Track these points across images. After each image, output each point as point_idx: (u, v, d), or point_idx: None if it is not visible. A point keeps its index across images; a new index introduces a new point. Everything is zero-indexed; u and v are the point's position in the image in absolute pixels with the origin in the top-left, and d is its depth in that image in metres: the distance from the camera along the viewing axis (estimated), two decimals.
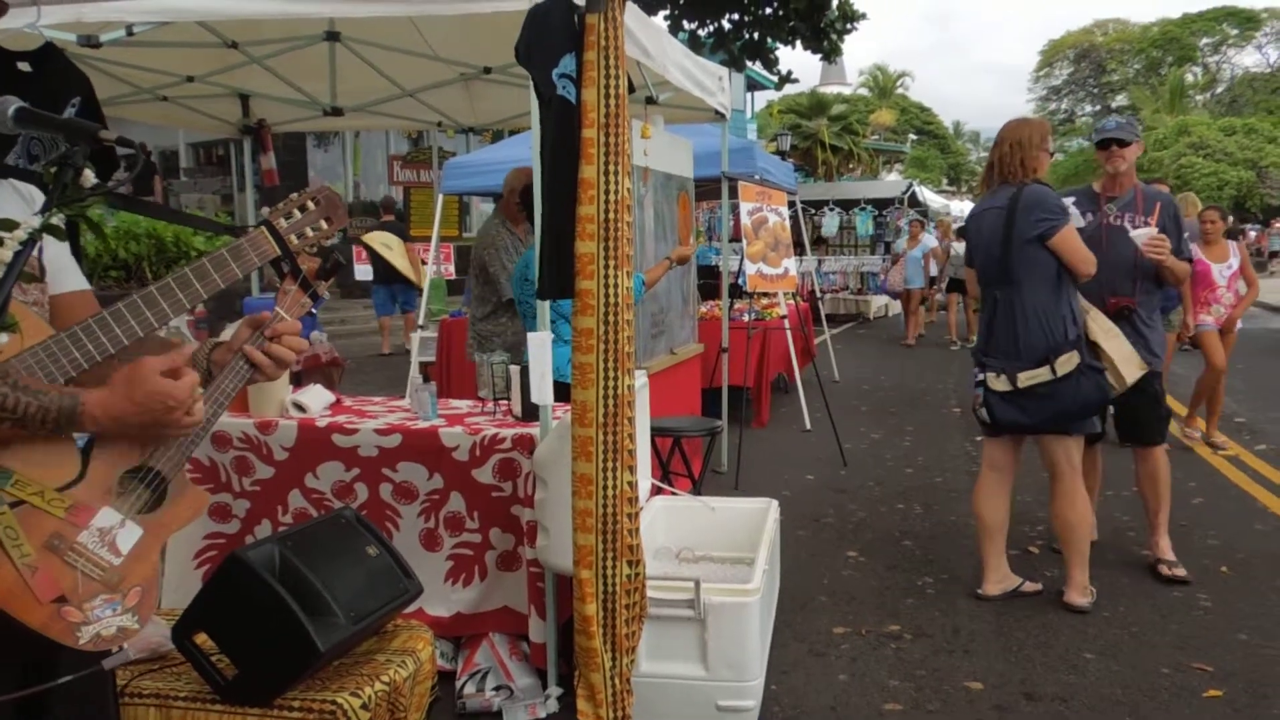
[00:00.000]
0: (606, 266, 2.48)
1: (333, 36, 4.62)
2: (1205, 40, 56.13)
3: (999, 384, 3.92)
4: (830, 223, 19.06)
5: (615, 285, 2.49)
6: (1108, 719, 3.14)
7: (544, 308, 3.12)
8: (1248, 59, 57.04)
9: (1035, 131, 4.01)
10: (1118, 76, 58.52)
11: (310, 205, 1.62)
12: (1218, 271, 7.01)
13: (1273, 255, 33.70)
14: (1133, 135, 4.33)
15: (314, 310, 1.77)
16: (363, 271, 12.78)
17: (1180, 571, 4.33)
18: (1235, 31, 55.39)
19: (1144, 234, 4.16)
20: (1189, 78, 51.41)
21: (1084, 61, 60.25)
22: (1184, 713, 3.17)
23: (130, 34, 3.68)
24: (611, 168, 2.49)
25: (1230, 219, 7.35)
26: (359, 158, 18.36)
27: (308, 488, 3.44)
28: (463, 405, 3.88)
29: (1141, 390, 4.12)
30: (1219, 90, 55.54)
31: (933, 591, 4.26)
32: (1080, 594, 4.02)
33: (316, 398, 3.65)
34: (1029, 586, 4.17)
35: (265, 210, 1.72)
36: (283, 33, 4.55)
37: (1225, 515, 5.30)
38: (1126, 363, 3.92)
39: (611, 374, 2.50)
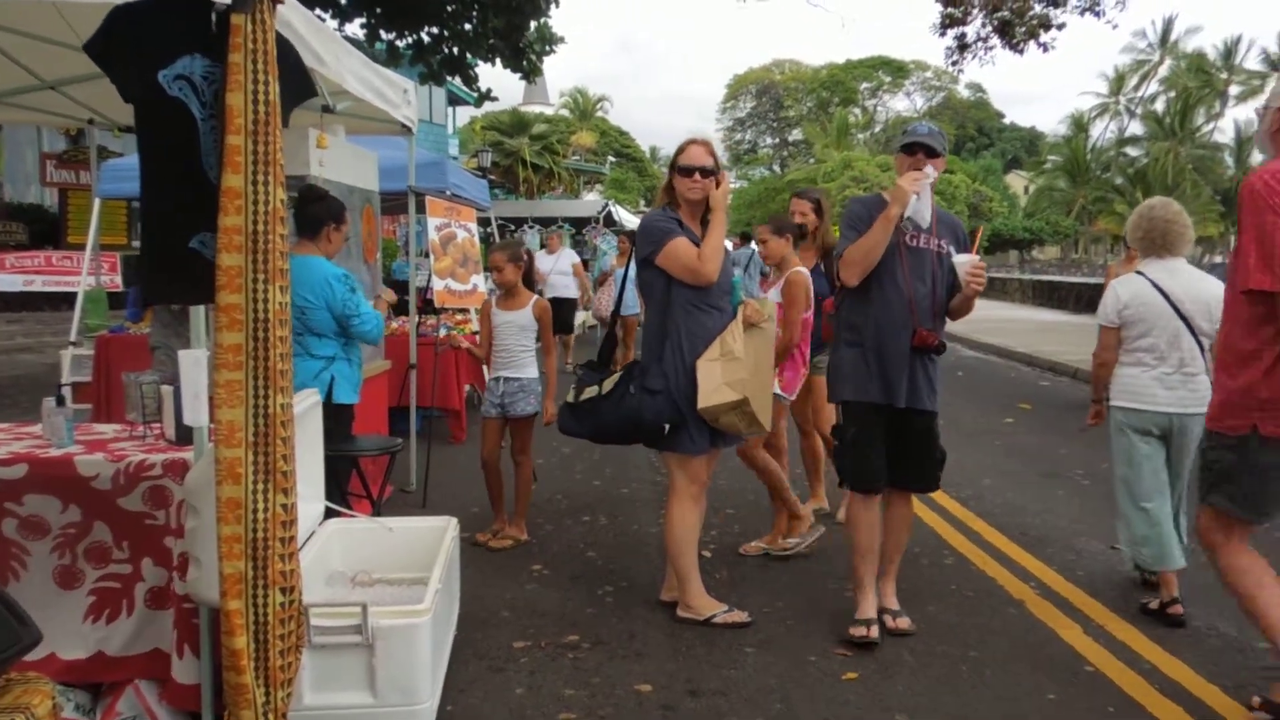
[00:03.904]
0: (255, 280, 2.35)
1: None
2: (865, 85, 62.96)
3: (569, 396, 4.21)
4: (530, 240, 19.33)
5: (265, 300, 2.36)
6: (760, 708, 3.37)
7: (198, 318, 2.91)
8: (899, 103, 64.75)
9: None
10: (794, 113, 64.10)
11: None
12: None
13: None
14: (943, 147, 3.87)
15: None
16: (8, 282, 11.38)
17: (904, 623, 4.00)
18: (889, 79, 62.55)
19: (967, 261, 3.76)
20: (852, 118, 57.27)
21: (765, 97, 65.49)
22: (826, 695, 3.47)
23: None
24: (261, 177, 2.37)
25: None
26: (1, 154, 16.31)
27: None
28: (109, 430, 3.54)
29: (922, 430, 3.93)
30: (876, 130, 62.36)
31: (612, 600, 4.39)
32: (683, 609, 4.11)
33: None
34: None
35: None
36: None
37: None
38: (709, 394, 3.80)
39: (262, 392, 2.37)
